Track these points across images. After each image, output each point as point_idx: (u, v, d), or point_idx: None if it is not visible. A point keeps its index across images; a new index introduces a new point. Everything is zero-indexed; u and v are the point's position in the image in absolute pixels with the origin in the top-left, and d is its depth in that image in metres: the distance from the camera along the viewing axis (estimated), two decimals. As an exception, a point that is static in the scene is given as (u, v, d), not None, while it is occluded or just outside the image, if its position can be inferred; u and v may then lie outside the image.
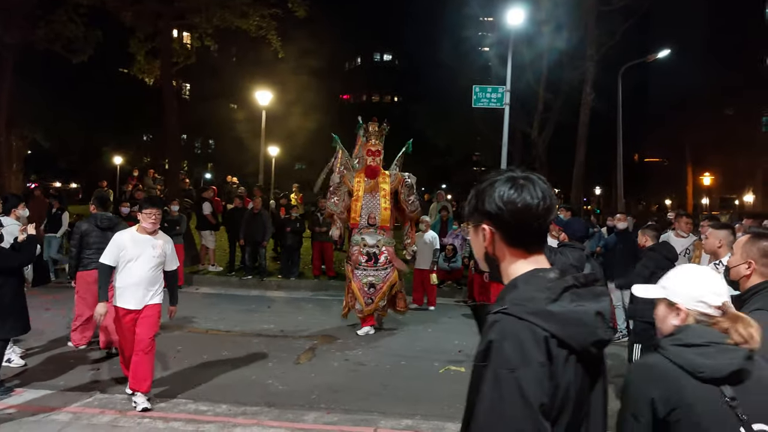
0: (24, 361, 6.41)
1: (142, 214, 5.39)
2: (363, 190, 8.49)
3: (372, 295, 8.25)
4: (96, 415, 5.06)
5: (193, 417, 5.11)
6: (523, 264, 1.48)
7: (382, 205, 8.45)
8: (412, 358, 7.30)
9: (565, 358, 1.34)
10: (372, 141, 8.57)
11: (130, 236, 5.40)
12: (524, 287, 1.41)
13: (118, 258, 5.31)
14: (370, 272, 8.28)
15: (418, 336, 8.58)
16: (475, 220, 1.55)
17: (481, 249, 1.55)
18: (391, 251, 8.45)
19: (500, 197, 1.45)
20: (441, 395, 5.96)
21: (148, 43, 16.57)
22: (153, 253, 5.40)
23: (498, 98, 14.60)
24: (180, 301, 10.28)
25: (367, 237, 8.37)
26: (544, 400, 1.29)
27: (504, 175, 1.51)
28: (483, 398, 1.32)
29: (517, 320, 1.33)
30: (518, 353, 1.30)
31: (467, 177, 36.47)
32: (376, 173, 8.54)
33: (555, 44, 18.64)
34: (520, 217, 1.44)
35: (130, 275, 5.30)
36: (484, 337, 1.38)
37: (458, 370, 6.85)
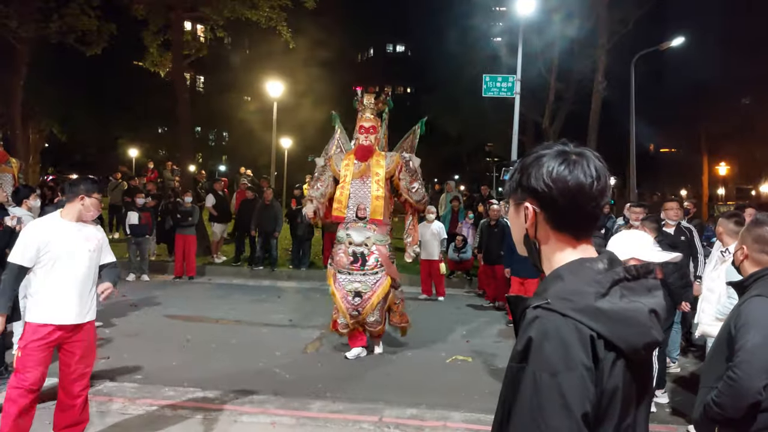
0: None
1: (92, 198, 4.08)
2: (352, 175, 6.86)
3: (358, 306, 6.59)
4: (105, 402, 5.15)
5: (201, 405, 5.18)
6: (570, 252, 1.32)
7: (373, 192, 6.78)
8: (418, 348, 7.34)
9: (612, 362, 1.19)
10: (365, 115, 7.06)
11: (53, 226, 4.01)
12: (571, 279, 1.25)
13: (37, 256, 3.92)
14: (356, 277, 6.64)
15: (425, 326, 8.59)
16: (517, 197, 1.37)
17: (521, 230, 1.38)
18: (383, 252, 6.75)
19: (549, 173, 1.28)
20: (447, 385, 6.01)
21: (161, 36, 16.66)
22: (88, 246, 4.08)
23: (508, 87, 14.55)
24: (192, 291, 10.61)
25: (354, 233, 6.72)
26: (587, 408, 1.15)
27: (553, 148, 1.33)
28: (521, 404, 1.18)
29: (560, 317, 1.19)
30: (561, 355, 1.16)
31: (479, 167, 36.40)
32: (368, 154, 6.93)
33: (566, 33, 18.47)
34: (571, 197, 1.27)
35: (59, 279, 3.95)
36: (523, 335, 1.22)
37: (465, 360, 6.87)
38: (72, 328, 4.00)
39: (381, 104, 7.19)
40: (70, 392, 4.09)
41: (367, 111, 7.09)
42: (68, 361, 4.04)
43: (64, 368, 4.06)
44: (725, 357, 2.50)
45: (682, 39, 18.97)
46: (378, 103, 7.15)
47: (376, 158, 6.96)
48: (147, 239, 11.55)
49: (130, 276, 11.28)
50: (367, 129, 6.99)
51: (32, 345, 3.88)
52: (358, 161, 6.92)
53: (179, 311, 8.93)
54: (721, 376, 2.45)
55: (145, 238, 11.43)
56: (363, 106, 7.11)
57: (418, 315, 9.36)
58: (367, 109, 7.10)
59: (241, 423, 4.85)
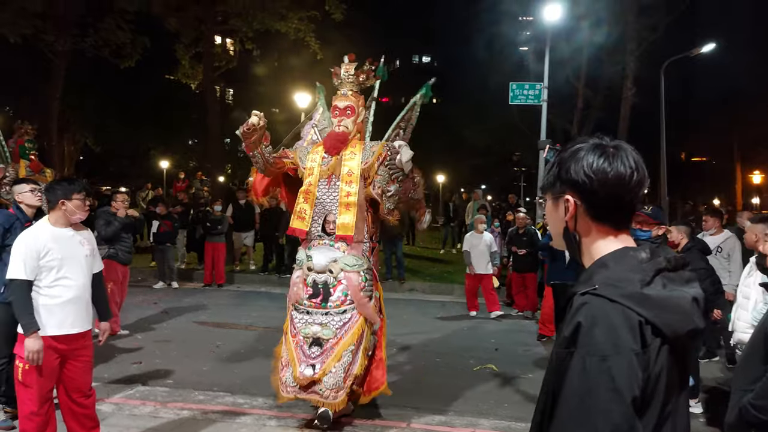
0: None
1: (74, 200, 3.84)
2: (318, 175, 4.97)
3: (315, 357, 4.65)
4: (137, 406, 5.24)
5: (231, 409, 5.24)
6: (612, 242, 1.34)
7: (342, 197, 4.85)
8: (447, 355, 7.31)
9: (658, 348, 1.21)
10: (341, 91, 5.13)
11: (47, 233, 3.81)
12: (616, 267, 1.28)
13: (39, 266, 3.74)
14: (315, 317, 4.75)
15: (454, 334, 8.57)
16: (555, 191, 1.40)
17: (561, 224, 1.40)
18: (354, 283, 4.77)
19: (589, 165, 1.31)
20: (476, 393, 5.98)
21: (192, 49, 17.03)
22: (84, 251, 3.94)
23: (535, 95, 14.46)
24: (221, 299, 10.72)
25: (317, 254, 4.82)
26: (637, 393, 1.16)
27: (590, 142, 1.37)
28: (569, 389, 1.19)
29: (608, 302, 1.21)
30: (610, 339, 1.17)
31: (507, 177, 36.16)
32: (340, 145, 4.98)
33: (594, 40, 18.33)
34: (611, 189, 1.31)
35: (60, 287, 3.79)
36: (570, 321, 1.24)
37: (493, 368, 6.82)
38: (75, 337, 3.85)
39: (364, 76, 5.21)
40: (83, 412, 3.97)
41: (344, 85, 5.14)
42: (72, 372, 3.88)
43: (68, 381, 3.88)
44: (761, 359, 2.45)
45: (714, 45, 18.67)
46: (359, 74, 5.16)
47: (351, 150, 4.98)
48: (169, 247, 11.73)
49: (159, 284, 11.48)
50: (342, 110, 5.04)
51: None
52: (328, 154, 4.99)
53: (209, 318, 9.04)
54: (758, 378, 2.40)
55: (167, 246, 11.62)
56: (339, 79, 5.16)
57: (446, 323, 9.36)
58: (344, 83, 5.14)
59: (269, 427, 4.89)
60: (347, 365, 4.65)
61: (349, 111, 5.06)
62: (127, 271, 8.18)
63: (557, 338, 1.29)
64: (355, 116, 5.09)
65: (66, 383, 3.89)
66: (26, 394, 3.74)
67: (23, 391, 3.75)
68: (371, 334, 4.90)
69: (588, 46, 19.07)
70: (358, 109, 5.11)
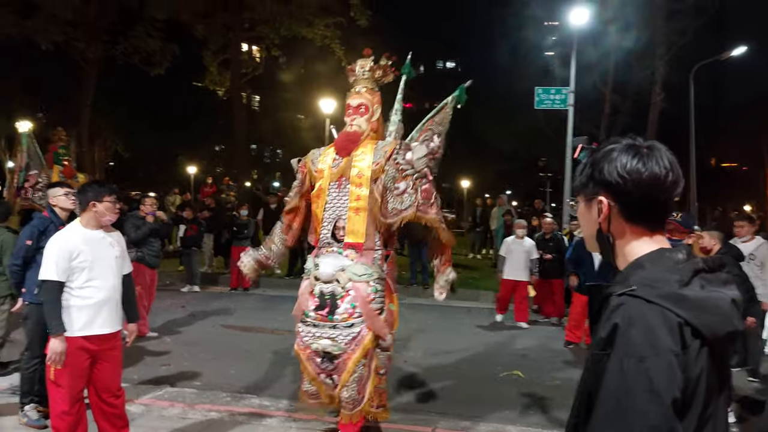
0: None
1: (105, 202, 3.92)
2: (329, 178, 4.55)
3: (330, 371, 4.34)
4: (166, 407, 5.31)
5: (257, 411, 5.28)
6: (647, 243, 1.33)
7: (351, 201, 4.43)
8: (472, 361, 7.27)
9: (698, 350, 1.19)
10: (355, 88, 4.70)
11: (79, 235, 3.88)
12: (652, 267, 1.27)
13: (71, 267, 3.80)
14: (323, 330, 4.33)
15: (480, 340, 8.53)
16: (588, 192, 1.39)
17: (594, 225, 1.39)
18: (362, 294, 4.31)
19: (623, 166, 1.30)
20: (502, 399, 5.93)
21: (220, 56, 17.30)
22: (114, 252, 4.02)
23: (561, 100, 14.36)
24: (248, 303, 10.81)
25: (324, 263, 4.40)
26: (676, 394, 1.14)
27: (623, 142, 1.36)
28: (606, 391, 1.18)
29: (645, 303, 1.19)
30: (648, 340, 1.16)
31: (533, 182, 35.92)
32: (351, 145, 4.55)
33: (622, 44, 18.14)
34: (646, 189, 1.30)
35: (91, 288, 3.86)
36: (607, 322, 1.22)
37: (519, 375, 6.77)
38: (105, 338, 3.92)
39: (381, 72, 4.75)
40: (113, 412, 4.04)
41: (358, 82, 4.72)
42: (102, 372, 3.95)
43: (98, 381, 3.96)
44: None
45: (744, 48, 18.35)
46: (375, 70, 4.72)
47: (362, 150, 4.52)
48: (195, 251, 11.88)
49: (186, 287, 11.63)
50: (356, 108, 4.64)
51: (68, 360, 3.77)
52: (339, 156, 4.58)
53: (235, 321, 9.13)
54: None
55: (193, 250, 11.77)
56: (354, 75, 4.75)
57: (472, 328, 9.31)
58: (359, 80, 4.72)
59: (294, 429, 4.92)
60: (361, 378, 4.31)
61: (363, 109, 4.63)
62: (155, 274, 8.31)
63: (593, 340, 1.28)
64: (369, 114, 4.65)
65: (96, 383, 3.96)
66: (58, 394, 3.82)
67: (55, 390, 3.83)
68: (383, 350, 4.46)
69: (615, 51, 18.88)
70: (372, 107, 4.66)
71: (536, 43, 23.06)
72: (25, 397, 4.87)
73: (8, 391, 5.50)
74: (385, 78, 4.82)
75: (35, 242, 4.79)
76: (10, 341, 6.18)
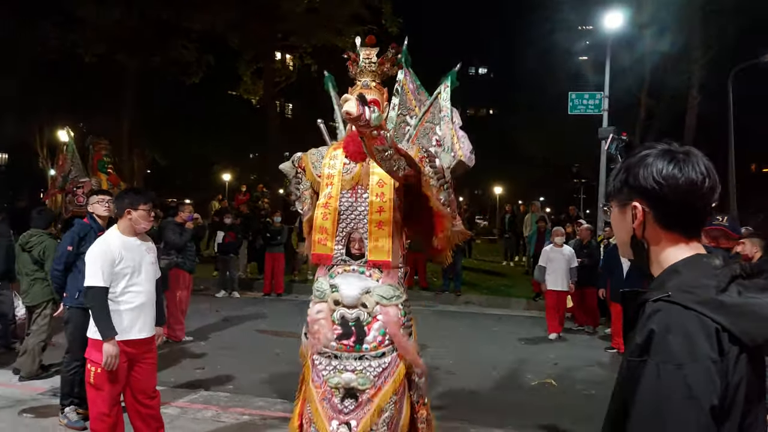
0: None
1: (140, 210, 4.01)
2: (340, 185, 3.90)
3: (349, 414, 3.65)
4: (200, 410, 5.42)
5: (289, 415, 5.32)
6: (683, 249, 1.31)
7: (373, 214, 3.80)
8: (503, 369, 7.22)
9: (737, 356, 1.16)
10: (362, 80, 4.02)
11: (118, 242, 3.99)
12: (689, 273, 1.25)
13: (113, 273, 3.92)
14: (347, 362, 3.73)
15: (511, 347, 8.46)
16: (622, 198, 1.37)
17: (628, 232, 1.37)
18: (393, 318, 3.77)
19: (658, 172, 1.29)
20: (534, 407, 5.88)
21: (254, 65, 17.59)
22: (149, 258, 4.14)
23: (595, 104, 14.20)
24: (281, 308, 10.93)
25: (345, 284, 3.83)
26: (714, 402, 1.12)
27: (659, 147, 1.34)
28: (642, 398, 1.16)
29: (682, 309, 1.18)
30: (686, 347, 1.14)
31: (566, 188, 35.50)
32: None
33: (657, 48, 17.83)
34: (683, 195, 1.28)
35: (130, 293, 3.98)
36: (643, 328, 1.21)
37: (552, 383, 6.70)
38: (143, 342, 4.03)
39: (389, 65, 4.15)
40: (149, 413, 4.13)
41: (364, 75, 4.07)
42: (139, 375, 4.05)
43: (134, 383, 4.05)
44: None
45: (786, 50, 17.83)
46: (384, 63, 4.10)
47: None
48: (233, 257, 12.05)
49: (221, 292, 11.82)
50: None
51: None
52: (350, 159, 3.94)
53: (268, 326, 9.25)
54: None
55: (230, 256, 11.94)
56: (357, 67, 4.07)
57: (503, 336, 9.24)
58: (364, 73, 4.07)
59: (327, 435, 4.95)
60: (392, 420, 3.67)
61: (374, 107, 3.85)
62: (191, 279, 8.49)
63: (627, 347, 1.27)
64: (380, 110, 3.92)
65: (132, 385, 4.05)
66: (97, 397, 3.93)
67: (95, 393, 3.94)
68: (419, 377, 3.94)
69: (651, 55, 18.57)
70: (383, 105, 4.04)
71: (569, 47, 22.80)
72: (66, 399, 5.03)
73: (49, 392, 5.68)
74: (391, 71, 4.26)
75: (75, 248, 4.95)
76: (52, 345, 6.38)
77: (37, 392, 5.75)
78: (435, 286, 12.98)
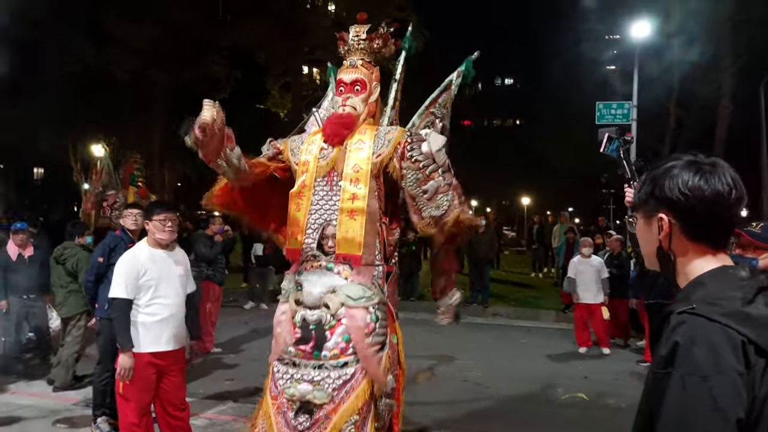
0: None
1: (153, 221, 4.05)
2: (314, 172, 3.58)
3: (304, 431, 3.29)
4: (228, 422, 5.46)
5: (316, 428, 5.34)
6: (709, 261, 1.31)
7: (344, 203, 3.47)
8: (533, 382, 7.13)
9: (763, 369, 1.15)
10: (349, 60, 3.80)
11: (145, 254, 4.03)
12: (714, 285, 1.25)
13: (138, 285, 3.95)
14: (305, 370, 3.33)
15: (540, 360, 8.35)
16: (648, 209, 1.37)
17: (654, 243, 1.37)
18: (360, 322, 3.33)
19: (684, 183, 1.28)
20: (564, 421, 5.80)
21: (281, 79, 17.82)
22: (178, 271, 4.14)
23: (624, 114, 14.06)
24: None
25: (308, 282, 3.45)
26: (741, 414, 1.11)
27: (684, 159, 1.34)
28: (668, 410, 1.16)
29: (707, 322, 1.17)
30: (711, 359, 1.13)
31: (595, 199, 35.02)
32: (344, 131, 3.59)
33: (686, 57, 17.58)
34: (709, 207, 1.27)
35: (156, 306, 3.99)
36: (667, 341, 1.21)
37: (582, 397, 6.59)
38: (171, 354, 4.06)
39: (380, 41, 3.84)
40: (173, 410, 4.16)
41: (353, 53, 3.80)
42: (167, 387, 4.10)
43: (164, 395, 4.10)
44: None
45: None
46: (373, 39, 3.82)
47: (359, 138, 3.59)
48: (270, 269, 12.15)
49: (249, 304, 11.91)
50: (349, 86, 3.71)
51: (136, 374, 3.92)
52: (328, 144, 3.61)
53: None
54: None
55: (268, 268, 12.04)
56: (346, 45, 3.84)
57: (531, 349, 9.13)
58: (353, 51, 3.81)
59: (354, 447, 4.94)
60: None
61: (359, 86, 3.69)
62: (221, 291, 8.58)
63: (653, 359, 1.27)
64: (367, 93, 3.70)
65: (162, 397, 4.12)
66: (126, 407, 4.01)
67: (124, 404, 4.02)
68: (385, 396, 3.39)
69: (679, 64, 18.31)
70: (370, 85, 3.70)
71: (596, 57, 22.61)
72: (98, 410, 5.12)
73: (82, 403, 5.79)
74: (384, 50, 3.89)
75: (106, 259, 5.06)
76: (86, 356, 6.50)
77: (71, 403, 5.87)
78: (463, 297, 12.88)
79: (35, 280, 6.69)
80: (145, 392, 4.00)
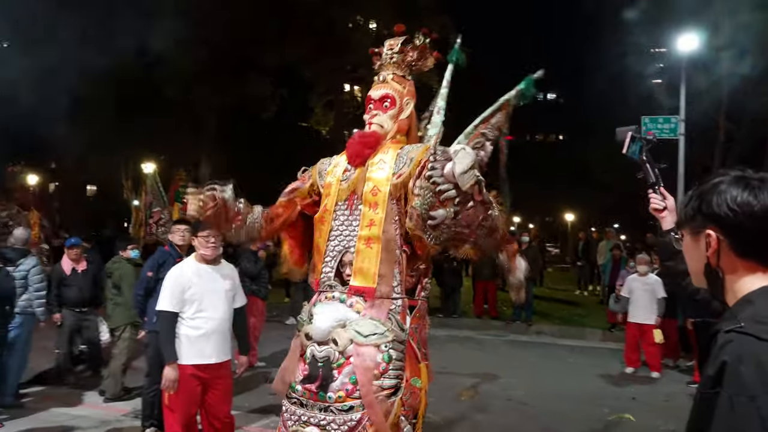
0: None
1: (198, 238, 4.13)
2: (336, 196, 3.37)
3: None
4: (271, 435, 5.52)
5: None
6: (760, 278, 1.28)
7: (363, 229, 3.19)
8: (579, 401, 6.99)
9: None
10: (380, 75, 3.52)
11: (192, 269, 4.14)
12: (763, 303, 1.23)
13: (183, 299, 4.06)
14: (312, 412, 3.05)
15: (587, 379, 8.18)
16: (695, 225, 1.35)
17: (701, 260, 1.35)
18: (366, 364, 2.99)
19: (733, 199, 1.27)
20: (609, 442, 5.66)
21: (324, 97, 18.09)
22: (224, 285, 4.21)
23: (671, 128, 13.75)
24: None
25: (319, 314, 3.17)
26: None
27: (732, 174, 1.32)
28: (717, 430, 1.15)
29: (756, 340, 1.15)
30: (759, 378, 1.11)
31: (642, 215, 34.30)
32: (366, 151, 3.32)
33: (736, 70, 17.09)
34: (759, 223, 1.25)
35: (201, 319, 4.06)
36: (715, 360, 1.19)
37: (630, 419, 6.42)
38: (214, 367, 4.10)
39: (415, 54, 3.52)
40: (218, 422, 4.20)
41: (385, 68, 3.52)
42: (212, 399, 4.15)
43: (209, 407, 4.16)
44: None
45: None
46: (408, 52, 3.51)
47: (381, 158, 3.29)
48: None
49: (290, 319, 12.01)
50: (378, 102, 3.43)
51: (181, 386, 4.00)
52: (350, 165, 3.39)
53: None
54: None
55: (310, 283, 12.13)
56: (380, 59, 3.57)
57: (579, 368, 8.94)
58: (386, 66, 3.52)
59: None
60: None
61: (388, 102, 3.40)
62: (264, 306, 8.72)
63: (701, 378, 1.25)
64: (397, 110, 3.40)
65: (207, 409, 4.21)
66: (172, 418, 4.11)
67: (170, 414, 4.13)
68: None
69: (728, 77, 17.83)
70: (401, 101, 3.41)
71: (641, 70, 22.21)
72: (146, 421, 5.26)
73: (131, 414, 5.94)
74: (421, 63, 3.56)
75: (155, 273, 5.22)
76: (132, 369, 6.67)
77: (121, 413, 6.03)
78: (505, 316, 12.75)
79: (88, 294, 6.94)
80: (190, 404, 4.09)
